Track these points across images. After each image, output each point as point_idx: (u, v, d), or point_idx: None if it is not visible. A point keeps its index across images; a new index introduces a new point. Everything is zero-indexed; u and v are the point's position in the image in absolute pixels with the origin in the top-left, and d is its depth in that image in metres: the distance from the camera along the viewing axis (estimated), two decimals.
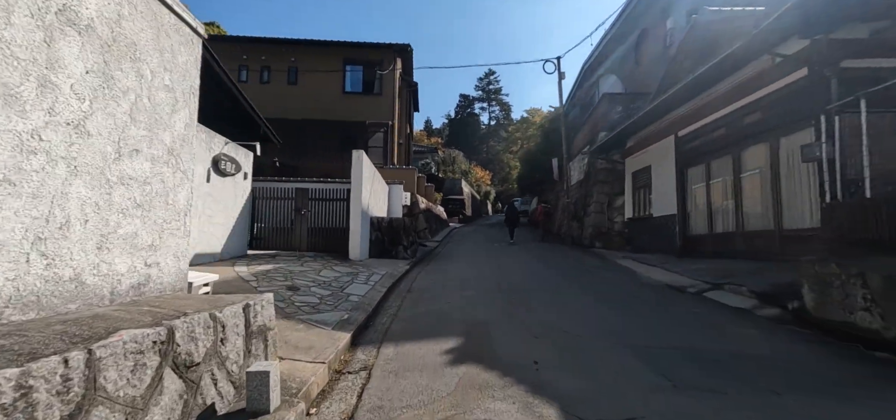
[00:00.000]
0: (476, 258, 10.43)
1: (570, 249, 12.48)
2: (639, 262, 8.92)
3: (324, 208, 8.72)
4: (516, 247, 13.42)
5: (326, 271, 6.74)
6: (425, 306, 5.19)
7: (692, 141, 9.33)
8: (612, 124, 13.87)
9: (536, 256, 10.68)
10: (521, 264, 9.11)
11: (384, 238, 9.58)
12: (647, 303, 5.44)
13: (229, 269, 6.18)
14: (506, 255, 10.87)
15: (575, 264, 9.05)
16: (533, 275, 7.63)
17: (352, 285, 5.91)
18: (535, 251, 12.04)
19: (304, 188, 8.63)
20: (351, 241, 8.11)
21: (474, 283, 6.88)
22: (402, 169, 17.66)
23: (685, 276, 6.89)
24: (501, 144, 70.00)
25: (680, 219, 9.64)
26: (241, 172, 7.51)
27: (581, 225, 14.64)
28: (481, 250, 12.42)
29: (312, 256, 8.31)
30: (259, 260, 7.40)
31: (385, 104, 18.40)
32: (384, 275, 7.15)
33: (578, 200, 15.70)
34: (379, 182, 11.38)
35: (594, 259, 10.08)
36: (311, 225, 8.60)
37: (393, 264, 8.51)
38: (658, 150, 10.70)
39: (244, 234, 7.95)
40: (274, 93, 18.25)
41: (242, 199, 7.79)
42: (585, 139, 16.48)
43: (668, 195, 10.18)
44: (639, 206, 12.09)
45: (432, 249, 12.94)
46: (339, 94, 18.45)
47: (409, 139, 22.26)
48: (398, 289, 6.45)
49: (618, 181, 13.52)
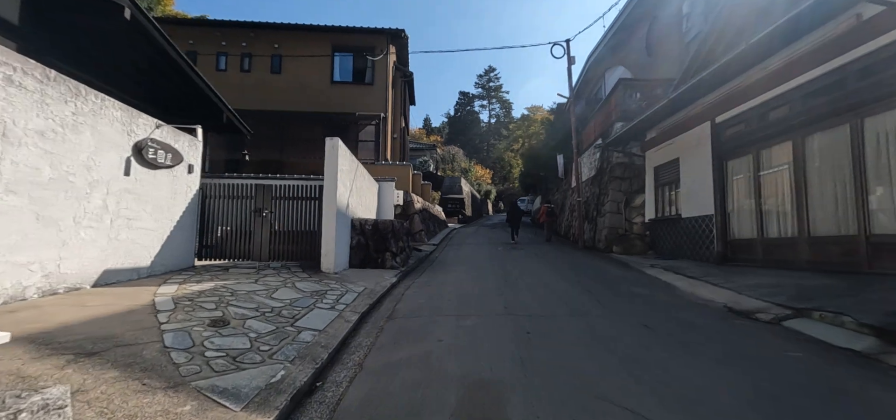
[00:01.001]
0: (477, 266, 8.93)
1: (583, 255, 10.97)
2: (672, 272, 7.42)
3: (292, 209, 7.21)
4: (521, 251, 11.92)
5: (284, 291, 5.23)
6: (407, 348, 3.68)
7: (735, 127, 7.83)
8: (629, 113, 12.38)
9: (547, 263, 9.18)
10: (532, 274, 7.61)
11: (368, 243, 8.07)
12: (716, 339, 3.93)
13: (150, 289, 4.68)
14: (512, 262, 9.37)
15: (596, 275, 7.54)
16: (548, 291, 6.12)
17: (311, 313, 4.40)
18: (543, 256, 10.54)
19: (265, 185, 7.11)
20: (324, 248, 6.61)
21: (476, 303, 5.37)
22: (395, 165, 16.16)
23: (744, 294, 5.39)
24: (502, 142, 68.62)
25: (718, 220, 8.13)
26: (181, 164, 6.00)
27: (594, 226, 13.13)
28: (483, 255, 10.92)
29: (276, 267, 6.80)
30: (202, 275, 5.89)
31: (377, 95, 16.91)
32: (362, 293, 5.65)
33: (590, 199, 14.20)
34: (365, 179, 9.87)
35: (616, 268, 8.57)
36: (277, 228, 7.09)
37: (377, 276, 7.01)
38: (688, 141, 9.20)
39: (189, 241, 6.44)
40: (256, 82, 16.77)
41: (186, 197, 6.29)
42: (596, 132, 14.98)
43: (701, 192, 8.67)
44: (663, 205, 10.58)
45: (428, 254, 11.43)
46: (328, 84, 16.95)
47: (405, 134, 20.76)
48: (377, 313, 4.94)
49: (636, 177, 12.01)
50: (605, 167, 13.23)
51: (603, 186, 13.02)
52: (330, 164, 6.78)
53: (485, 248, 12.68)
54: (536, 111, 65.58)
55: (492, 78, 75.05)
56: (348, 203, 7.77)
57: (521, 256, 10.54)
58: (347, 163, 7.63)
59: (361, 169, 9.23)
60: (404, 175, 15.79)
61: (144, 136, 5.17)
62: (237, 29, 16.65)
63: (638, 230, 11.39)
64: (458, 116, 74.82)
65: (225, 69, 16.82)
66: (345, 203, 7.42)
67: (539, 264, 9.10)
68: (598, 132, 14.56)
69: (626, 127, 11.21)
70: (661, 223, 10.44)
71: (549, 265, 8.95)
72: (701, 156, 8.74)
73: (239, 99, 16.79)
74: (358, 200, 8.84)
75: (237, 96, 16.76)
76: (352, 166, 8.13)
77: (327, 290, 5.50)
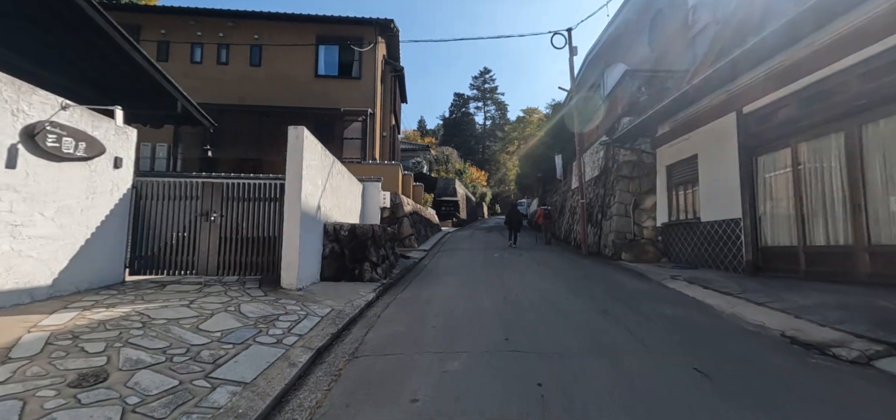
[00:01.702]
0: (472, 277, 7.80)
1: (590, 263, 9.87)
2: (699, 285, 6.33)
3: (249, 212, 6.03)
4: (521, 257, 10.81)
5: (221, 318, 4.06)
6: (366, 414, 2.54)
7: (768, 117, 6.78)
8: (637, 107, 11.34)
9: (551, 273, 8.07)
10: (535, 288, 6.49)
11: (344, 252, 6.92)
12: (799, 391, 2.84)
13: (30, 319, 3.49)
14: (511, 271, 8.25)
15: (611, 290, 6.44)
16: (558, 312, 5.01)
17: (244, 352, 3.25)
18: (546, 264, 9.44)
19: (215, 183, 5.93)
20: (284, 259, 5.45)
21: (468, 331, 4.24)
22: (383, 165, 15.02)
23: (804, 318, 4.31)
24: (498, 144, 67.70)
25: (748, 224, 7.07)
26: (103, 157, 4.82)
27: (599, 230, 12.05)
28: (478, 263, 9.79)
29: (227, 283, 5.61)
30: (125, 295, 4.70)
31: (365, 89, 15.77)
32: (326, 316, 4.50)
33: (594, 201, 13.13)
34: (344, 178, 8.72)
35: (631, 279, 7.47)
36: (229, 235, 5.91)
37: (351, 292, 5.86)
38: (708, 135, 8.15)
39: (116, 252, 5.25)
40: (234, 76, 15.58)
41: (111, 197, 5.10)
42: (600, 128, 13.93)
43: (726, 193, 7.62)
44: (677, 207, 9.53)
45: (416, 262, 10.28)
46: (312, 78, 15.79)
47: (395, 132, 19.62)
48: (339, 347, 3.79)
49: (646, 177, 10.95)
50: (610, 166, 12.18)
51: (608, 187, 11.96)
52: (293, 158, 5.63)
53: (480, 255, 11.56)
54: (532, 113, 64.76)
55: (487, 80, 74.26)
56: (320, 205, 6.62)
57: (522, 265, 9.42)
58: (318, 158, 6.48)
59: (339, 166, 8.08)
60: (393, 175, 14.65)
61: (41, 117, 3.99)
62: (214, 17, 15.45)
63: (649, 235, 10.33)
64: (453, 118, 73.91)
65: (200, 61, 15.61)
66: (314, 205, 6.27)
67: (542, 274, 7.99)
68: (603, 128, 13.52)
69: (635, 122, 10.15)
70: (676, 228, 9.37)
71: (553, 275, 7.84)
72: (724, 151, 7.69)
73: (216, 93, 15.61)
74: (334, 202, 7.69)
75: (214, 90, 15.58)
76: (324, 162, 6.98)
77: (280, 315, 4.34)
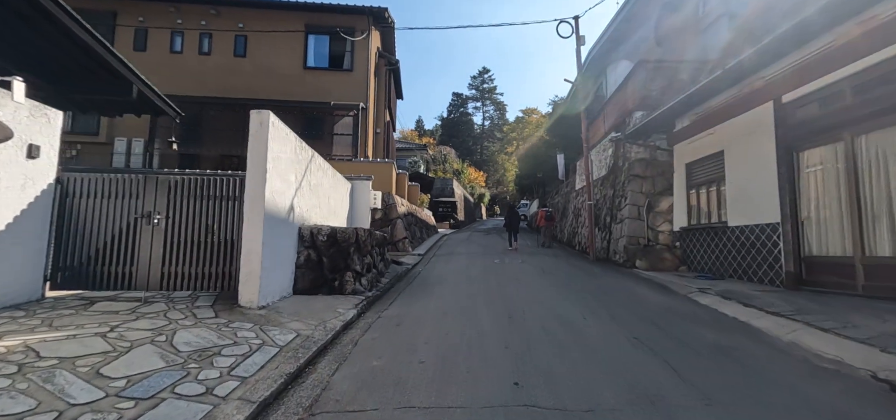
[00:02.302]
0: (470, 288, 6.85)
1: (601, 271, 8.93)
2: (737, 302, 5.40)
3: (203, 213, 5.05)
4: (524, 264, 9.88)
5: (143, 351, 3.10)
6: None
7: (813, 105, 5.86)
8: (650, 101, 10.44)
9: (561, 284, 7.13)
10: (545, 305, 5.55)
11: (322, 260, 5.95)
12: None
13: None
14: (514, 282, 7.31)
15: (635, 307, 5.50)
16: (578, 338, 4.07)
17: (146, 416, 2.28)
18: (553, 272, 8.50)
19: (161, 178, 4.94)
20: (244, 270, 4.49)
21: (465, 367, 3.30)
22: (376, 163, 14.06)
23: (894, 352, 3.38)
24: (496, 145, 66.83)
25: (789, 230, 6.15)
26: (6, 144, 3.84)
27: (608, 234, 11.12)
28: (477, 270, 8.84)
29: (175, 300, 4.64)
30: (31, 319, 3.73)
31: (357, 83, 14.81)
32: (285, 348, 3.54)
33: (601, 202, 12.20)
34: (327, 175, 7.76)
35: (653, 292, 6.53)
36: (178, 240, 4.93)
37: (326, 309, 4.90)
38: (738, 128, 7.24)
39: (31, 262, 4.26)
40: (217, 67, 14.60)
41: (23, 194, 4.12)
42: (608, 125, 13.03)
43: (760, 194, 6.70)
44: (698, 209, 8.60)
45: (409, 269, 9.33)
46: (300, 70, 14.82)
47: (390, 129, 18.67)
48: (291, 399, 2.82)
49: (661, 176, 10.04)
50: (620, 164, 11.26)
51: (618, 187, 11.04)
52: (256, 149, 4.66)
53: (479, 261, 10.61)
54: (531, 114, 63.95)
55: (486, 79, 73.49)
56: (293, 205, 5.65)
57: (526, 273, 8.48)
58: (291, 150, 5.52)
59: (320, 162, 7.12)
60: (386, 174, 13.69)
61: None
62: (195, 4, 14.45)
63: (665, 240, 9.40)
64: (452, 118, 73.06)
65: (180, 51, 14.62)
66: (285, 205, 5.31)
67: (550, 285, 7.04)
68: (611, 125, 12.61)
69: (650, 116, 9.23)
70: (698, 233, 8.44)
71: (563, 287, 6.90)
72: (758, 146, 6.77)
73: (197, 85, 14.60)
74: (313, 202, 6.73)
75: (195, 82, 14.59)
76: (300, 156, 6.02)
77: (226, 346, 3.38)
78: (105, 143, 13.62)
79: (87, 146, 13.63)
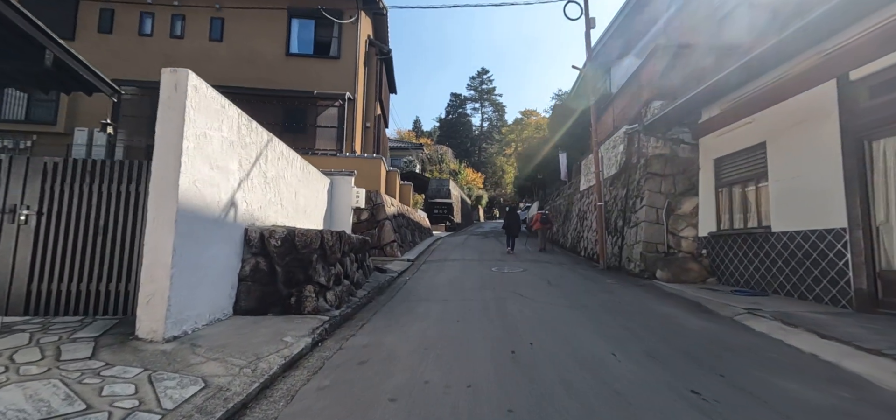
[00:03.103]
0: (463, 306, 5.61)
1: (617, 284, 7.69)
2: (803, 329, 4.17)
3: (95, 209, 3.74)
4: (527, 274, 8.66)
5: None
6: None
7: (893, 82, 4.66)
8: (670, 90, 9.26)
9: (572, 298, 5.89)
10: (558, 332, 4.32)
11: (275, 270, 4.70)
12: None
13: None
14: (516, 298, 6.07)
15: (671, 335, 4.25)
16: (611, 394, 2.86)
17: None
18: (560, 283, 7.26)
19: (30, 160, 3.66)
20: (145, 288, 3.23)
21: None
22: (363, 158, 12.80)
23: None
24: (495, 147, 65.71)
25: (860, 238, 4.94)
26: None
27: (620, 239, 9.90)
28: (472, 281, 7.60)
29: (50, 329, 3.36)
30: None
31: (344, 71, 13.57)
32: (170, 416, 2.27)
33: (611, 203, 10.99)
34: (293, 166, 6.52)
35: (686, 313, 5.30)
36: (60, 245, 3.64)
37: (270, 339, 3.64)
38: (786, 113, 6.03)
39: None
40: (190, 52, 13.31)
41: None
42: (620, 119, 11.83)
43: (816, 193, 5.50)
44: (730, 212, 7.39)
45: (394, 278, 8.08)
46: (282, 56, 13.57)
47: (382, 124, 17.42)
48: None
49: (682, 174, 8.85)
50: (634, 162, 10.05)
51: (632, 187, 9.82)
52: (168, 121, 3.41)
53: (475, 268, 9.37)
54: (530, 115, 62.90)
55: (484, 80, 72.49)
56: (235, 201, 4.40)
57: (529, 284, 7.24)
58: (229, 128, 4.28)
59: (281, 149, 5.87)
60: (374, 171, 12.45)
61: None
62: None
63: (688, 248, 8.18)
64: (450, 119, 71.98)
65: (151, 34, 13.35)
66: (220, 199, 4.06)
67: (560, 302, 5.80)
68: (622, 119, 11.41)
69: (670, 106, 8.02)
70: (731, 239, 7.23)
71: (577, 305, 5.65)
72: (814, 134, 5.57)
73: None
74: (271, 198, 5.48)
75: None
76: (250, 139, 4.77)
77: (75, 415, 2.12)
78: (64, 134, 12.32)
79: (43, 137, 12.34)
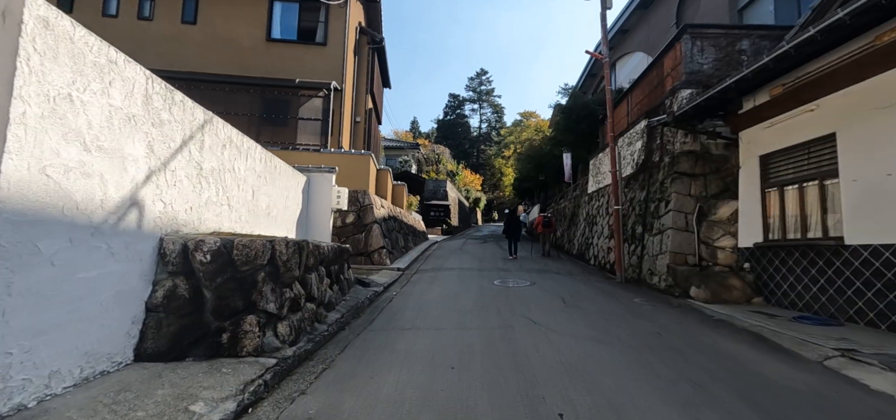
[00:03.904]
0: (461, 338, 4.33)
1: (645, 301, 6.41)
2: None
3: None
4: (534, 287, 7.40)
5: None
6: None
7: None
8: (700, 76, 8.07)
9: (599, 331, 4.62)
10: (597, 395, 3.03)
11: (204, 295, 3.39)
12: None
13: None
14: (528, 329, 4.80)
15: (769, 406, 2.97)
16: None
17: None
18: (579, 304, 5.99)
19: None
20: None
21: None
22: (349, 154, 11.53)
23: None
24: (493, 148, 64.56)
25: None
26: None
27: (640, 248, 8.65)
28: (471, 298, 6.32)
29: None
30: None
31: (331, 59, 12.30)
32: None
33: (628, 207, 9.75)
34: (243, 156, 5.23)
35: (752, 351, 4.03)
36: None
37: (162, 412, 2.35)
38: (862, 98, 4.80)
39: None
40: (160, 35, 12.04)
41: None
42: (637, 112, 10.62)
43: None
44: (783, 218, 6.14)
45: (378, 293, 6.79)
46: (262, 42, 12.29)
47: (374, 119, 16.14)
48: None
49: (716, 173, 7.62)
50: (656, 160, 8.81)
51: (654, 188, 8.58)
52: None
53: (474, 281, 8.09)
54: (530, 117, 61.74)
55: (483, 81, 71.48)
56: (139, 199, 3.12)
57: (540, 304, 5.96)
58: (120, 91, 3.01)
59: (224, 131, 4.58)
60: (362, 168, 11.17)
61: None
62: None
63: (726, 260, 6.93)
64: (448, 120, 70.88)
65: (116, 15, 12.06)
66: (113, 197, 2.79)
67: (585, 334, 4.52)
68: (641, 111, 10.19)
69: (704, 94, 6.77)
70: (784, 252, 5.98)
71: (609, 338, 4.37)
72: None
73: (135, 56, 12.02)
74: (211, 196, 4.19)
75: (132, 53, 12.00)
76: (169, 116, 3.50)
77: None
78: None
79: None
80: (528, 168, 24.56)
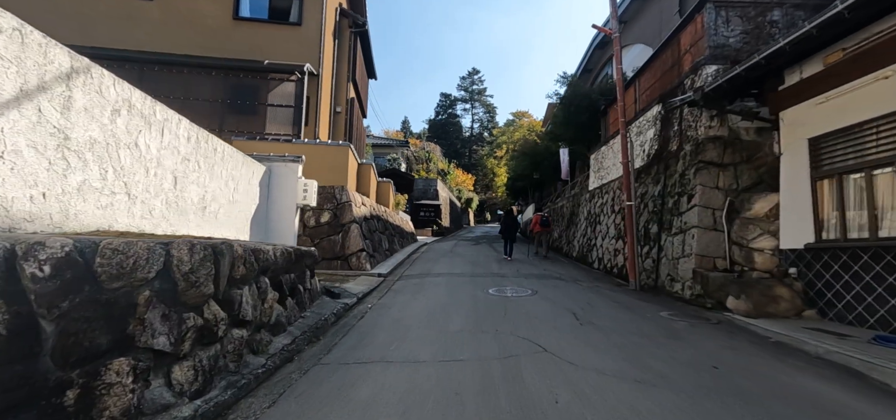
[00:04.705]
0: (447, 380, 3.13)
1: (675, 317, 5.25)
2: None
3: None
4: (536, 298, 6.24)
5: None
6: None
7: None
8: (725, 52, 7.00)
9: (631, 365, 3.46)
10: None
11: (40, 330, 2.12)
12: None
13: None
14: (535, 359, 3.62)
15: None
16: None
17: None
18: (592, 320, 4.83)
19: None
20: None
21: None
22: (326, 145, 10.25)
23: None
24: (486, 149, 63.57)
25: None
26: None
27: (657, 250, 7.53)
28: (462, 314, 5.12)
29: None
30: None
31: (306, 40, 11.04)
32: None
33: (639, 204, 8.63)
34: (148, 125, 3.97)
35: (850, 397, 2.90)
36: None
37: None
38: None
39: None
40: (111, 9, 10.67)
41: None
42: (649, 95, 9.54)
43: None
44: (841, 214, 5.04)
45: (349, 307, 5.54)
46: (228, 19, 10.99)
47: (357, 110, 14.84)
48: None
49: (748, 162, 6.53)
50: (673, 149, 7.71)
51: (673, 181, 7.47)
52: None
53: (465, 291, 6.88)
54: (522, 117, 60.86)
55: (476, 80, 70.57)
56: None
57: (547, 321, 4.78)
58: None
59: (117, 89, 3.32)
60: (339, 161, 9.91)
61: None
62: None
63: (765, 264, 5.82)
64: (439, 120, 69.80)
65: None
66: None
67: (615, 372, 3.34)
68: (651, 96, 9.11)
69: (746, 64, 5.65)
70: (846, 255, 4.88)
71: (654, 385, 3.18)
72: None
73: (81, 34, 10.54)
74: (90, 179, 2.94)
75: (79, 30, 10.52)
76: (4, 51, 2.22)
77: None
78: None
79: None
80: (523, 165, 23.47)
